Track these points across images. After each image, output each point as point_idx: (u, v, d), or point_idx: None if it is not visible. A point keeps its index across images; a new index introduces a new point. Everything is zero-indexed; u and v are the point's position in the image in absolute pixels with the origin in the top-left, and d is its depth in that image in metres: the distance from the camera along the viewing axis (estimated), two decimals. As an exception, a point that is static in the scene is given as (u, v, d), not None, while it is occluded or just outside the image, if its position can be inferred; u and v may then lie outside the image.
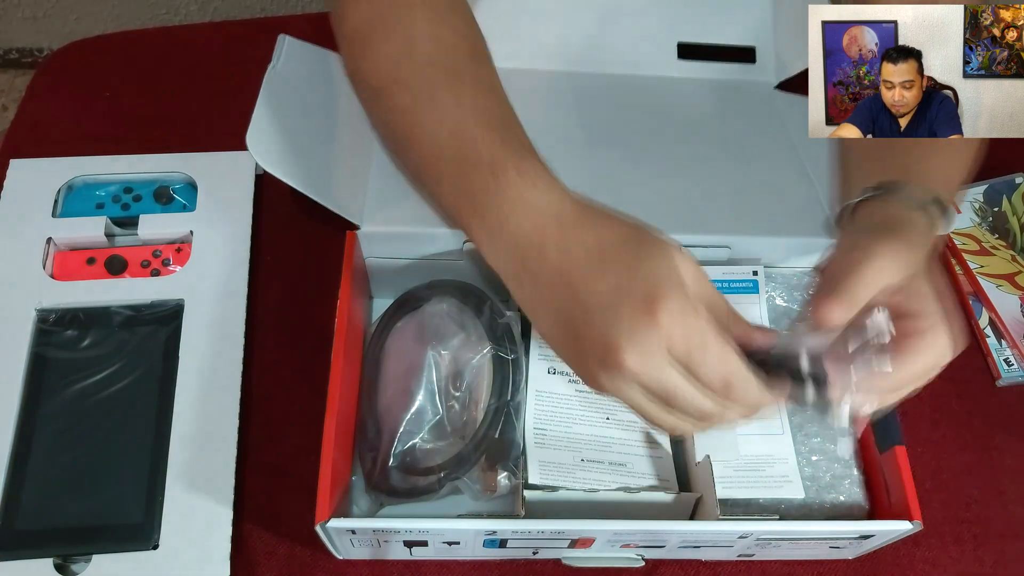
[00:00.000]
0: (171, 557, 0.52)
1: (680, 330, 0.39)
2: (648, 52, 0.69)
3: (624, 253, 0.41)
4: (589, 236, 0.42)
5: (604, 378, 0.41)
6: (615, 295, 0.40)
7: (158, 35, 0.82)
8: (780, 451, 0.54)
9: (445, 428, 0.53)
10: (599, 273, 0.41)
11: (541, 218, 0.43)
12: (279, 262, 0.65)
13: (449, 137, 0.46)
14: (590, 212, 0.44)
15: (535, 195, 0.43)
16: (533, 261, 0.43)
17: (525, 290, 0.44)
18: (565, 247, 0.42)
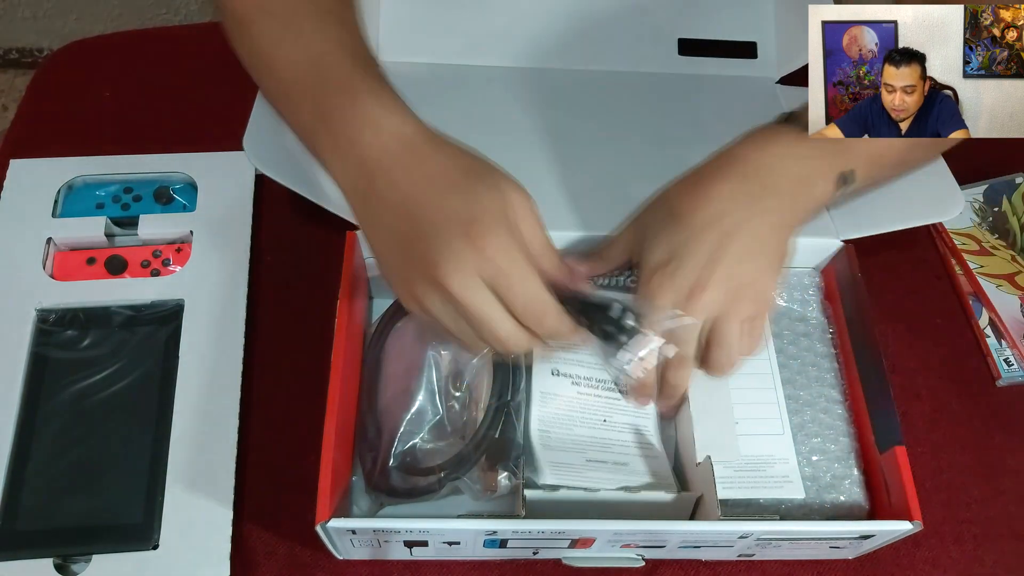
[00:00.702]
0: (171, 557, 0.52)
1: (495, 257, 0.43)
2: (649, 48, 0.69)
3: (462, 181, 0.45)
4: (432, 162, 0.45)
5: (423, 294, 0.44)
6: (445, 218, 0.43)
7: (158, 35, 0.82)
8: (780, 451, 0.54)
9: (445, 428, 0.53)
10: (436, 197, 0.44)
11: (390, 140, 0.46)
12: (279, 262, 0.65)
13: (309, 62, 0.48)
14: (437, 141, 0.47)
15: (387, 118, 0.46)
16: (379, 180, 0.46)
17: (367, 207, 0.47)
18: (409, 169, 0.45)
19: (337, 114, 0.47)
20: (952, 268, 0.68)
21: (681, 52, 0.69)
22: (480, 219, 0.43)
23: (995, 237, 0.69)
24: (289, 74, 0.49)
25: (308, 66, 0.49)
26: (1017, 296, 0.66)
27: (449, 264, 0.43)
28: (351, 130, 0.46)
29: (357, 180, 0.47)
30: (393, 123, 0.46)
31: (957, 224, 0.70)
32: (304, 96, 0.49)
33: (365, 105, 0.46)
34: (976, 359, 0.65)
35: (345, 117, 0.47)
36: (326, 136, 0.47)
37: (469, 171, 0.46)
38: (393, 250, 0.46)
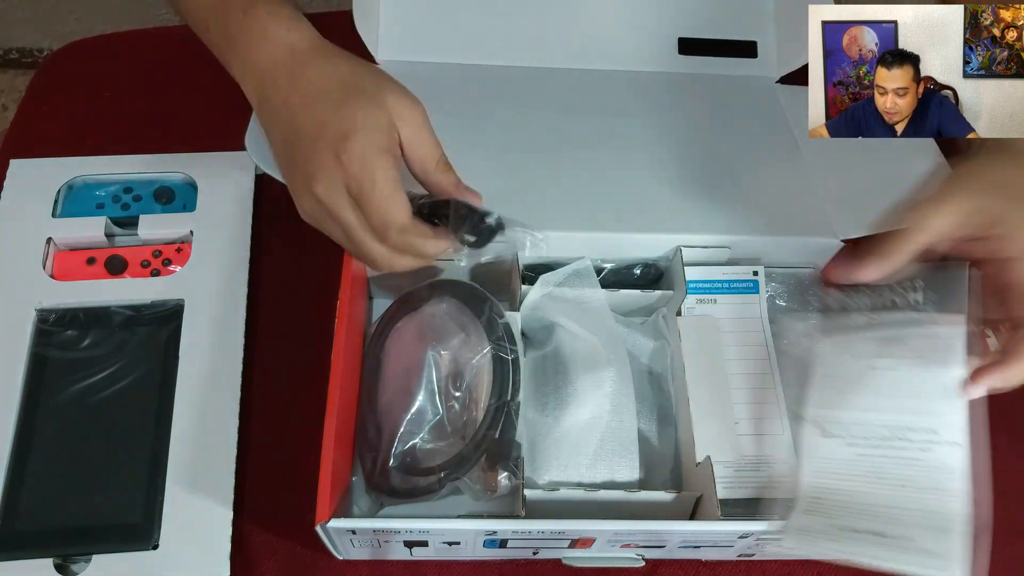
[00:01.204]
0: (171, 557, 0.52)
1: (356, 172, 0.45)
2: (649, 48, 0.69)
3: (338, 93, 0.47)
4: (315, 72, 0.48)
5: (306, 203, 0.48)
6: (318, 130, 0.46)
7: (158, 35, 0.82)
8: (780, 451, 0.54)
9: (445, 428, 0.53)
10: (313, 108, 0.47)
11: (279, 51, 0.48)
12: (279, 262, 0.65)
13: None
14: (325, 52, 0.49)
15: (278, 30, 0.49)
16: (269, 89, 0.48)
17: (263, 117, 0.50)
18: (293, 80, 0.48)
19: (236, 32, 0.50)
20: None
21: (681, 51, 0.69)
22: (347, 133, 0.45)
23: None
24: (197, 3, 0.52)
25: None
26: (1017, 296, 0.66)
27: (320, 178, 0.46)
28: (248, 44, 0.49)
29: (254, 92, 0.50)
30: (283, 35, 0.49)
31: (957, 224, 0.70)
32: (211, 20, 0.51)
33: (258, 19, 0.49)
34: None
35: (242, 33, 0.49)
36: (231, 54, 0.50)
37: (348, 81, 0.47)
38: (284, 158, 0.49)
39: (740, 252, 0.59)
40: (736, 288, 0.59)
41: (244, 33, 0.49)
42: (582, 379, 0.54)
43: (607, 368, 0.54)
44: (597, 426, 0.53)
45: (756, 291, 0.59)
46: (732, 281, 0.59)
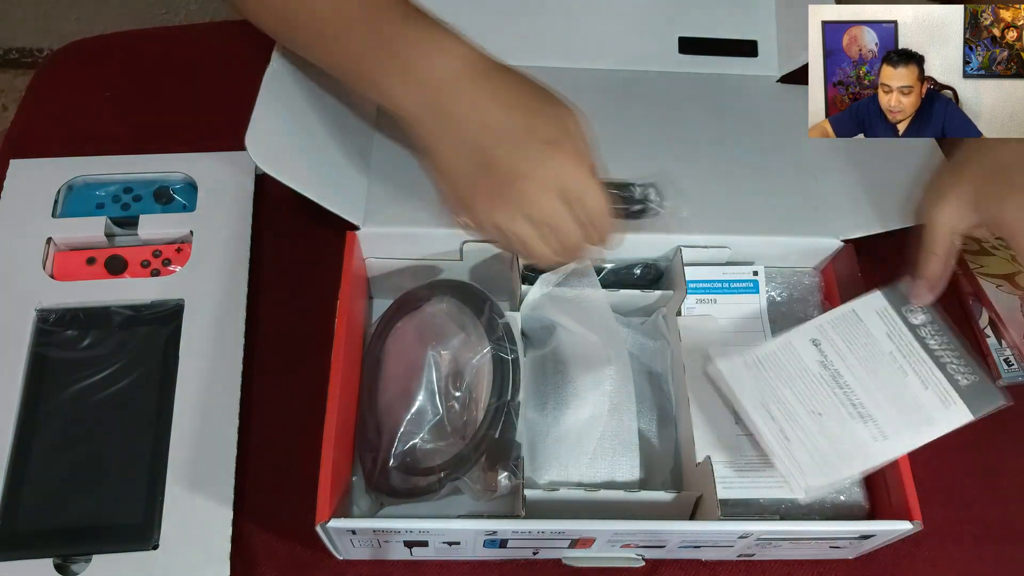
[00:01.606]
0: (171, 557, 0.52)
1: (571, 171, 0.48)
2: (649, 47, 0.69)
3: (532, 101, 0.49)
4: (501, 83, 0.49)
5: (501, 204, 0.49)
6: (525, 134, 0.48)
7: (158, 35, 0.82)
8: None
9: (445, 428, 0.53)
10: (512, 113, 0.48)
11: (456, 61, 0.48)
12: (279, 262, 0.65)
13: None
14: (499, 65, 0.50)
15: (449, 41, 0.49)
16: (447, 97, 0.48)
17: (435, 125, 0.49)
18: (480, 89, 0.48)
19: (395, 41, 0.49)
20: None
21: (682, 51, 0.69)
22: (559, 136, 0.48)
23: (995, 237, 0.69)
24: (328, 11, 0.50)
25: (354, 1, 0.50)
26: (1017, 296, 0.66)
27: (534, 175, 0.48)
28: (413, 52, 0.48)
29: (422, 99, 0.48)
30: (456, 47, 0.49)
31: (957, 224, 0.70)
32: (351, 29, 0.50)
33: (425, 28, 0.49)
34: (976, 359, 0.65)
35: (404, 41, 0.48)
36: (383, 62, 0.49)
37: (539, 94, 0.50)
38: (467, 165, 0.49)
39: (740, 252, 0.59)
40: (736, 288, 0.59)
41: (408, 41, 0.48)
42: (582, 378, 0.54)
43: (607, 367, 0.54)
44: (597, 425, 0.53)
45: (756, 291, 0.59)
46: (732, 281, 0.59)
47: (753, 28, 0.70)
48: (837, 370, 0.54)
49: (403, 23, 0.49)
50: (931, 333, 0.53)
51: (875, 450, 0.51)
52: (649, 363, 0.59)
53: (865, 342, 0.54)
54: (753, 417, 0.53)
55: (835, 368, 0.54)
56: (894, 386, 0.53)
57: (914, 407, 0.52)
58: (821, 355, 0.55)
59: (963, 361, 0.52)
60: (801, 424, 0.53)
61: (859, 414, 0.52)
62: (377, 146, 0.60)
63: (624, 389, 0.54)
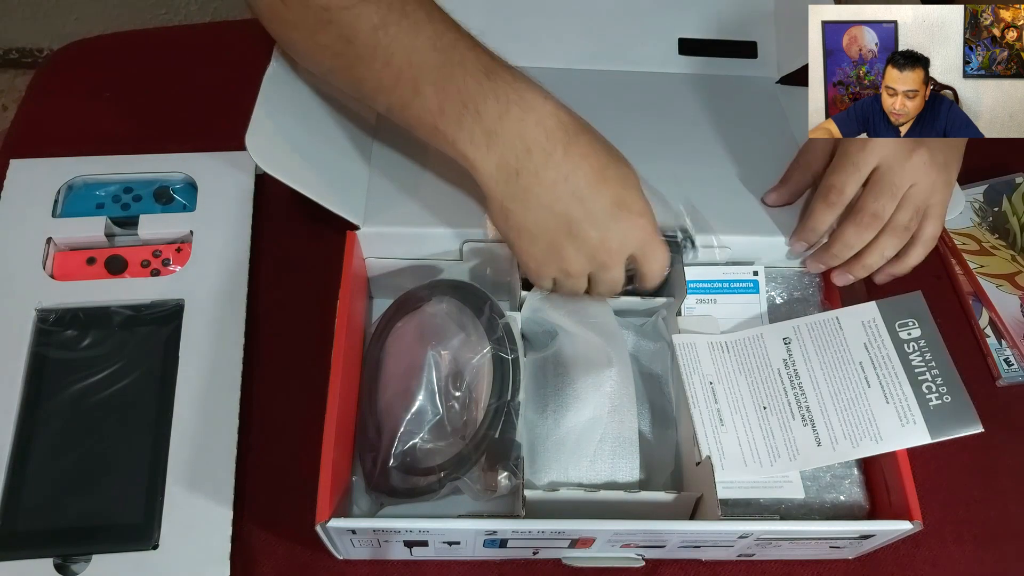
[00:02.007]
0: (171, 557, 0.52)
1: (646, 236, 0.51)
2: (649, 48, 0.69)
3: (616, 171, 0.49)
4: (588, 148, 0.48)
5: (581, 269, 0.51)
6: (616, 207, 0.49)
7: (158, 35, 0.82)
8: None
9: (445, 428, 0.53)
10: (602, 186, 0.48)
11: (547, 120, 0.47)
12: (279, 262, 0.65)
13: (429, 45, 0.47)
14: (582, 124, 0.49)
15: (535, 97, 0.47)
16: (537, 161, 0.47)
17: (519, 189, 0.48)
18: (569, 156, 0.48)
19: (477, 97, 0.46)
20: (952, 268, 0.68)
21: (681, 52, 0.69)
22: (636, 204, 0.50)
23: (995, 237, 0.69)
24: (402, 62, 0.47)
25: (426, 50, 0.47)
26: (1017, 296, 0.66)
27: (620, 245, 0.50)
28: (498, 109, 0.46)
29: (514, 165, 0.47)
30: (544, 104, 0.47)
31: (957, 224, 0.70)
32: (427, 82, 0.47)
33: (509, 84, 0.47)
34: (976, 359, 0.65)
35: (488, 97, 0.46)
36: (463, 118, 0.47)
37: (614, 159, 0.50)
38: (554, 231, 0.49)
39: (740, 252, 0.59)
40: (736, 288, 0.59)
41: (492, 97, 0.46)
42: (582, 380, 0.54)
43: (608, 369, 0.54)
44: (597, 427, 0.53)
45: (756, 291, 0.59)
46: (732, 281, 0.59)
47: (753, 29, 0.70)
48: (797, 371, 0.55)
49: (484, 74, 0.46)
50: (918, 350, 0.53)
51: (808, 454, 0.52)
52: (649, 365, 0.59)
53: (836, 349, 0.55)
54: (696, 392, 0.54)
55: (795, 368, 0.55)
56: (850, 397, 0.53)
57: (864, 420, 0.52)
58: (788, 353, 0.55)
59: (942, 382, 0.52)
60: (742, 413, 0.54)
61: (803, 417, 0.53)
62: (377, 146, 0.60)
63: (625, 390, 0.54)
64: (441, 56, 0.47)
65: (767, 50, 0.69)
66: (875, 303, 0.55)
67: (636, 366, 0.58)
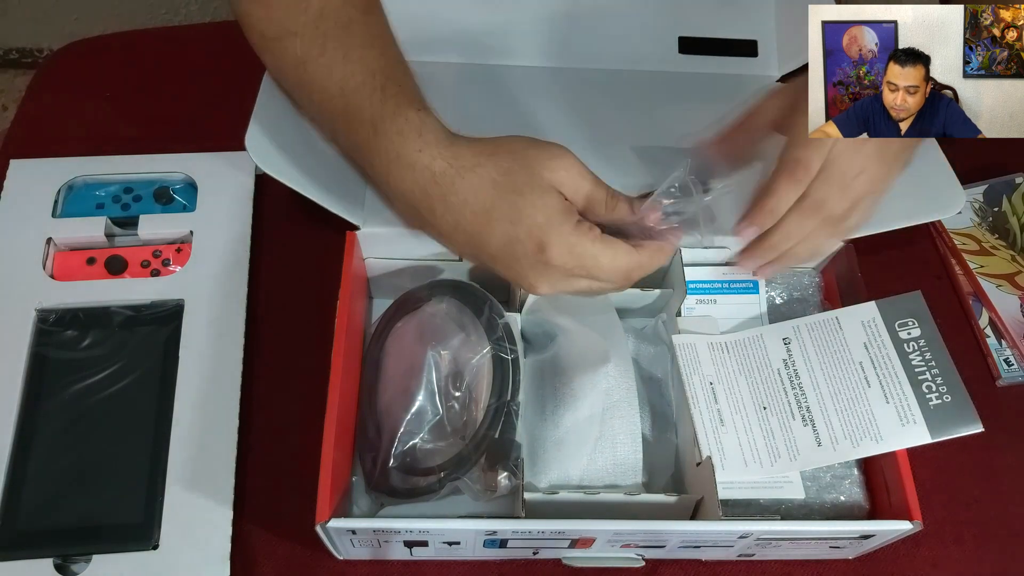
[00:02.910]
0: (171, 557, 0.52)
1: (573, 264, 0.47)
2: (649, 47, 0.69)
3: (504, 205, 0.46)
4: (467, 191, 0.47)
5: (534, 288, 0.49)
6: (510, 248, 0.47)
7: (158, 35, 0.82)
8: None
9: (445, 428, 0.53)
10: (489, 229, 0.47)
11: (421, 177, 0.47)
12: (279, 262, 0.65)
13: (337, 91, 0.48)
14: (461, 160, 0.47)
15: (412, 154, 0.47)
16: (426, 216, 0.48)
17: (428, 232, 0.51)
18: (448, 205, 0.47)
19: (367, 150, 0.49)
20: (952, 268, 0.68)
21: (681, 50, 0.69)
22: (540, 238, 0.46)
23: (995, 237, 0.69)
24: (320, 102, 0.50)
25: (336, 95, 0.49)
26: (1017, 296, 0.66)
27: (541, 281, 0.48)
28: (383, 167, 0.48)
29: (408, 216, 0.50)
30: (419, 160, 0.47)
31: (957, 224, 0.70)
32: (338, 127, 0.50)
33: (391, 141, 0.47)
34: (976, 359, 0.65)
35: (375, 153, 0.48)
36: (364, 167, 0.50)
37: (502, 185, 0.46)
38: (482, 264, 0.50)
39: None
40: (736, 288, 0.59)
41: (378, 157, 0.48)
42: (580, 378, 0.54)
43: (606, 364, 0.54)
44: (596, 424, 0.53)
45: (756, 291, 0.59)
46: (732, 281, 0.59)
47: (753, 28, 0.70)
48: (797, 371, 0.55)
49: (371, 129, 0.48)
50: (918, 349, 0.53)
51: (808, 455, 0.52)
52: (649, 368, 0.59)
53: (836, 349, 0.54)
54: (696, 393, 0.54)
55: (795, 368, 0.55)
56: (850, 397, 0.53)
57: (864, 420, 0.52)
58: (787, 353, 0.55)
59: (942, 381, 0.51)
60: (743, 413, 0.54)
61: (803, 417, 0.53)
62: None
63: (625, 386, 0.54)
64: (344, 103, 0.49)
65: (767, 49, 0.69)
66: (875, 303, 0.55)
67: (636, 369, 0.58)
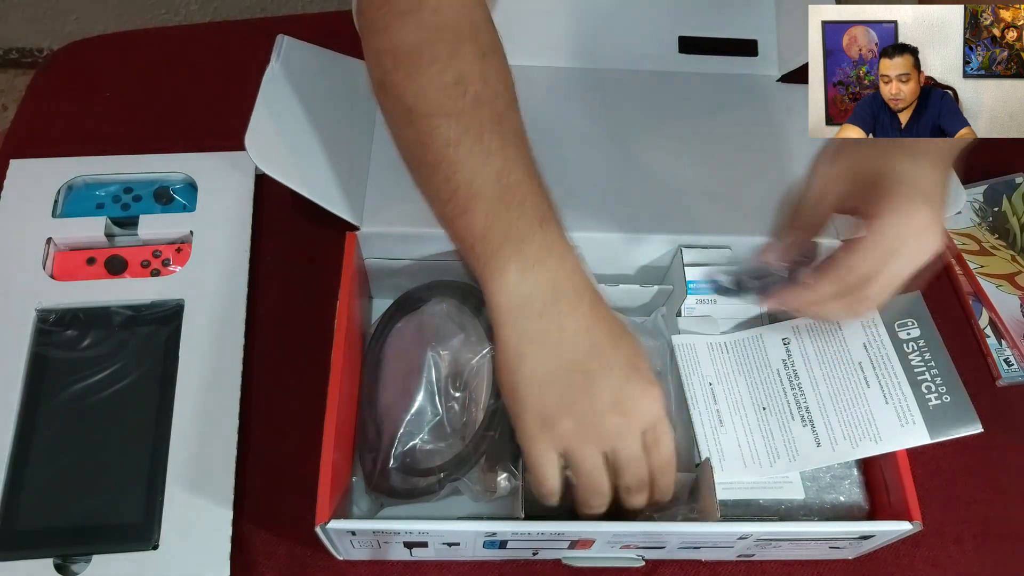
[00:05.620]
0: (171, 557, 0.52)
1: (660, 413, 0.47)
2: (649, 46, 0.69)
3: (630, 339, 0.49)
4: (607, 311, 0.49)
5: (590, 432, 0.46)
6: (632, 366, 0.47)
7: (158, 35, 0.82)
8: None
9: (445, 429, 0.53)
10: (620, 343, 0.48)
11: (578, 275, 0.48)
12: (279, 262, 0.65)
13: (494, 176, 0.48)
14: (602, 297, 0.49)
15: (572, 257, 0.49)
16: (563, 308, 0.47)
17: (540, 328, 0.47)
18: (594, 310, 0.48)
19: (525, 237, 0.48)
20: (952, 268, 0.68)
21: (681, 50, 0.69)
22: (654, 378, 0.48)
23: (995, 237, 0.69)
24: (464, 181, 0.49)
25: (490, 179, 0.48)
26: (1017, 296, 0.66)
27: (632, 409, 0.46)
28: (539, 253, 0.48)
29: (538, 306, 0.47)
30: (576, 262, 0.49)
31: (957, 224, 0.70)
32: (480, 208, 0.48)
33: (555, 236, 0.48)
34: (976, 359, 0.65)
35: (534, 240, 0.48)
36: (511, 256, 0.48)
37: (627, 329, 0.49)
38: (565, 382, 0.47)
39: (740, 252, 0.59)
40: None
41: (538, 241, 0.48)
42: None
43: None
44: None
45: (756, 291, 0.59)
46: (732, 281, 0.59)
47: (753, 28, 0.70)
48: (796, 371, 0.55)
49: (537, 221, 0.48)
50: (917, 350, 0.53)
51: (808, 455, 0.52)
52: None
53: (835, 350, 0.54)
54: (696, 393, 0.54)
55: (794, 369, 0.55)
56: (849, 397, 0.53)
57: (864, 421, 0.52)
58: (787, 354, 0.55)
59: (942, 381, 0.51)
60: (742, 414, 0.54)
61: (802, 417, 0.53)
62: (377, 146, 0.60)
63: None
64: (502, 190, 0.48)
65: (767, 48, 0.69)
66: None
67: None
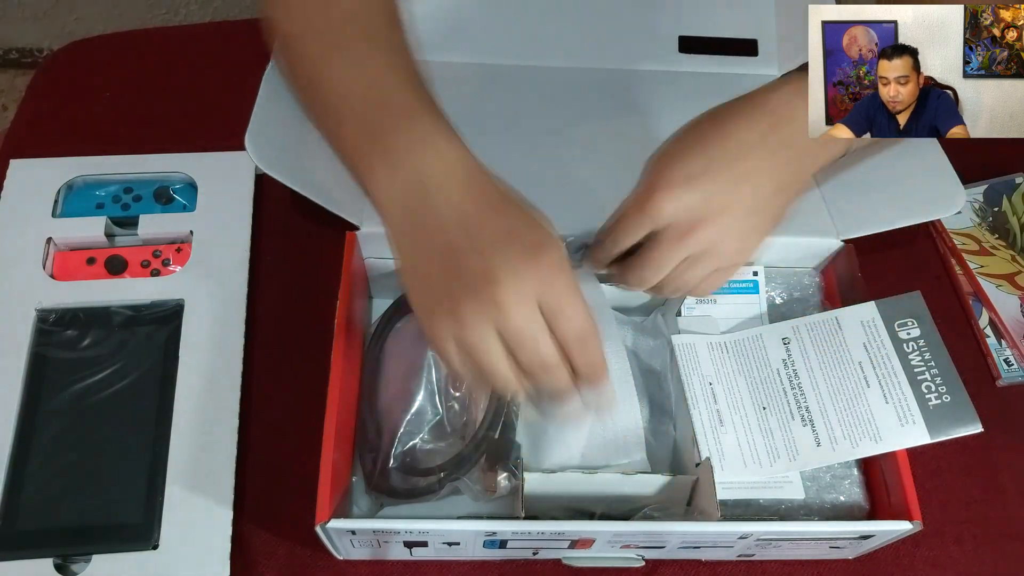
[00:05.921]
0: (171, 557, 0.52)
1: (555, 281, 0.42)
2: (649, 46, 0.69)
3: (516, 209, 0.45)
4: (490, 189, 0.46)
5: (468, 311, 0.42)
6: (507, 236, 0.43)
7: (158, 35, 0.82)
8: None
9: (445, 428, 0.53)
10: (495, 217, 0.44)
11: (449, 164, 0.46)
12: (279, 262, 0.65)
13: (360, 80, 0.48)
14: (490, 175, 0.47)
15: (445, 144, 0.46)
16: (435, 198, 0.45)
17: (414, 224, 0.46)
18: (467, 191, 0.45)
19: (390, 134, 0.47)
20: (952, 268, 0.68)
21: (682, 50, 0.69)
22: (542, 242, 0.43)
23: (995, 237, 0.69)
24: (334, 92, 0.49)
25: (356, 84, 0.48)
26: (1017, 296, 0.66)
27: (511, 281, 0.42)
28: (406, 148, 0.46)
29: (408, 197, 0.46)
30: (451, 150, 0.46)
31: (957, 224, 0.70)
32: (352, 115, 0.48)
33: (425, 128, 0.47)
34: (976, 359, 0.65)
35: (400, 136, 0.46)
36: (378, 155, 0.47)
37: (521, 203, 0.46)
38: (437, 269, 0.44)
39: (740, 252, 0.59)
40: (736, 288, 0.59)
41: (404, 136, 0.46)
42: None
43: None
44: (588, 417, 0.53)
45: (756, 291, 0.59)
46: (732, 281, 0.59)
47: (753, 27, 0.70)
48: (796, 371, 0.55)
49: (404, 115, 0.47)
50: (917, 349, 0.53)
51: (808, 455, 0.52)
52: (648, 361, 0.59)
53: (835, 350, 0.55)
54: (696, 393, 0.54)
55: (795, 368, 0.55)
56: (849, 397, 0.53)
57: (864, 420, 0.52)
58: (787, 354, 0.55)
59: (942, 381, 0.51)
60: (742, 413, 0.54)
61: (802, 417, 0.53)
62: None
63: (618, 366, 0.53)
64: (368, 91, 0.48)
65: (768, 48, 0.69)
66: (874, 303, 0.55)
67: (635, 362, 0.58)
